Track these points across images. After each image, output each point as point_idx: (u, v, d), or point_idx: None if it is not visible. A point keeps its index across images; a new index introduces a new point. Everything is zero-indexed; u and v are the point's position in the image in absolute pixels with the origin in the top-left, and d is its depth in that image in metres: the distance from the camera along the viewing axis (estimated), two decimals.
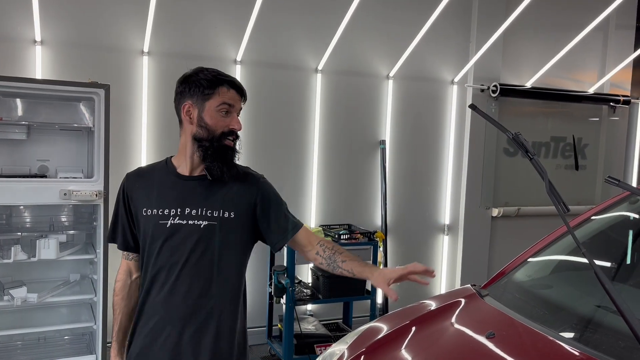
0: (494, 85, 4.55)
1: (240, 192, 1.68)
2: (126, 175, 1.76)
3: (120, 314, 1.75)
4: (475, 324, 1.68)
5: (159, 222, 1.63)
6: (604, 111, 5.21)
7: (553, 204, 1.28)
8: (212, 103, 1.62)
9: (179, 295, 1.61)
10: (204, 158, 1.64)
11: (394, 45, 4.26)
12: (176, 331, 1.61)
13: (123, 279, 1.76)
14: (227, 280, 1.66)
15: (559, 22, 4.83)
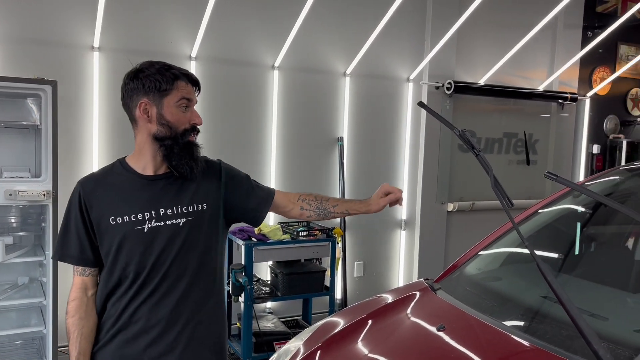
0: (449, 82, 4.64)
1: (206, 183, 1.65)
2: (80, 183, 1.61)
3: (79, 336, 1.57)
4: (426, 318, 1.72)
5: (134, 228, 1.55)
6: (553, 108, 5.39)
7: (498, 198, 1.32)
8: (171, 99, 1.55)
9: (168, 297, 1.57)
10: (169, 157, 1.57)
11: (351, 43, 4.29)
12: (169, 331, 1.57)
13: (79, 297, 1.59)
14: (213, 271, 1.66)
15: (510, 22, 4.97)
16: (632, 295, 1.84)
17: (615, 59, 5.76)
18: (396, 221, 4.75)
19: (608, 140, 5.75)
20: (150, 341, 1.56)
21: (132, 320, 1.57)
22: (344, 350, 1.72)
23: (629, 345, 1.40)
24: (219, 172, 1.69)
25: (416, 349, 1.53)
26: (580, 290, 1.93)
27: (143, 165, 1.60)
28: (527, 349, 1.45)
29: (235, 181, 1.72)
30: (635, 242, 2.48)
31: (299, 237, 3.68)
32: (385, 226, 4.71)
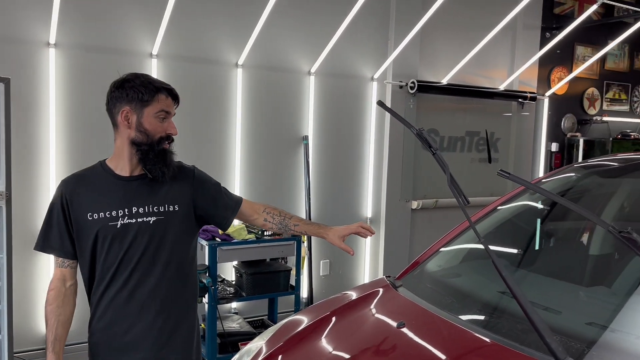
0: (412, 81, 4.69)
1: (179, 186, 1.81)
2: (63, 182, 1.78)
3: (56, 323, 1.73)
4: (387, 315, 1.73)
5: (108, 224, 1.70)
6: (513, 107, 5.51)
7: (454, 196, 1.34)
8: (151, 110, 1.71)
9: (138, 289, 1.72)
10: (143, 161, 1.73)
11: (315, 41, 4.28)
12: (139, 321, 1.73)
13: (57, 287, 1.75)
14: (181, 266, 1.81)
15: (471, 22, 5.06)
16: (585, 289, 1.90)
17: (572, 59, 5.94)
18: (361, 219, 4.78)
19: (566, 138, 5.93)
20: (124, 331, 1.73)
21: (108, 309, 1.74)
22: (305, 349, 1.72)
23: (580, 337, 1.44)
24: (191, 177, 1.86)
25: (376, 347, 1.54)
26: (537, 285, 1.98)
27: (120, 166, 1.76)
28: (484, 344, 1.48)
29: (206, 187, 1.88)
30: (590, 237, 2.56)
31: (264, 237, 3.66)
32: (350, 224, 4.71)
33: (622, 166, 2.62)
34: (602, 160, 2.71)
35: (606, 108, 6.30)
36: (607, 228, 1.10)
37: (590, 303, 1.75)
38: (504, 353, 1.41)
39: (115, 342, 1.75)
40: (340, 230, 1.94)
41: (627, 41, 6.23)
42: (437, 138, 5.10)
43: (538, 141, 5.76)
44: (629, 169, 2.57)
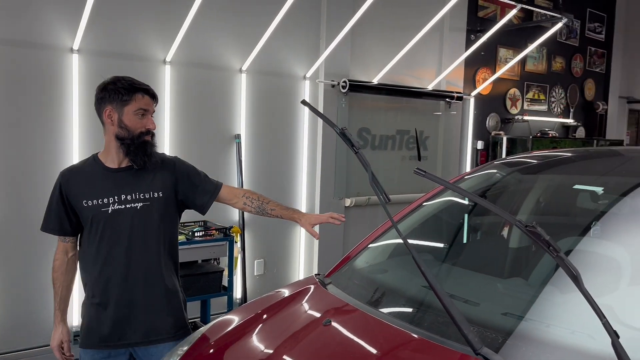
0: (344, 81, 4.74)
1: (162, 174, 2.05)
2: (61, 174, 2.03)
3: (61, 287, 2.07)
4: (315, 313, 1.74)
5: (101, 210, 1.96)
6: (441, 106, 5.70)
7: (375, 194, 1.36)
8: (130, 108, 1.95)
9: (131, 265, 1.98)
10: (127, 153, 1.97)
11: (247, 39, 4.24)
12: (134, 291, 1.99)
13: (61, 258, 2.06)
14: (164, 245, 2.06)
15: (401, 23, 5.18)
16: (503, 281, 1.98)
17: (496, 61, 6.21)
18: None
19: (490, 136, 6.20)
20: (117, 296, 1.99)
21: (106, 285, 2.00)
22: (232, 349, 1.70)
23: (496, 328, 1.51)
24: (173, 166, 2.10)
25: (302, 345, 1.55)
26: (459, 279, 2.06)
27: (109, 159, 2.01)
28: (407, 338, 1.51)
29: (186, 174, 2.12)
30: (509, 231, 2.69)
31: (195, 238, 3.59)
32: (285, 223, 4.72)
33: (538, 163, 2.77)
34: (520, 158, 2.85)
35: (527, 108, 6.64)
36: (515, 223, 1.16)
37: (507, 294, 1.83)
38: (426, 346, 1.46)
39: (111, 311, 1.99)
40: (313, 218, 2.15)
41: (545, 44, 6.61)
42: (368, 137, 5.19)
43: (465, 139, 5.99)
44: (544, 166, 2.72)
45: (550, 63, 6.88)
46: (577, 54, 7.20)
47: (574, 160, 2.67)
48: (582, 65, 7.30)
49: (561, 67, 7.03)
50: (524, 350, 1.41)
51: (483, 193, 2.61)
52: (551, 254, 1.08)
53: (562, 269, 1.09)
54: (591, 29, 7.36)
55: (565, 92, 7.10)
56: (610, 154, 2.87)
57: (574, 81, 7.22)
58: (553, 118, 6.95)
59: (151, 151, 2.00)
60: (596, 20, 7.42)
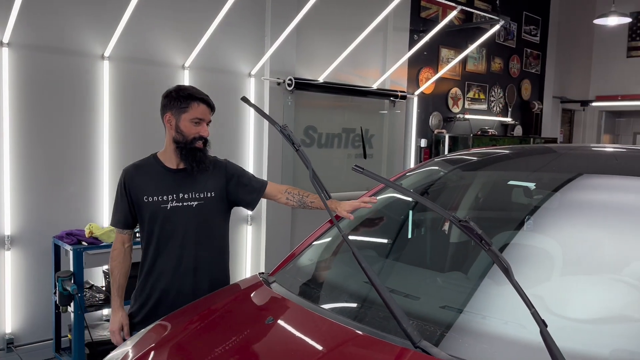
0: (289, 79, 4.73)
1: (214, 176, 2.25)
2: (124, 170, 2.23)
3: (119, 274, 2.24)
4: (258, 312, 1.72)
5: (160, 206, 2.14)
6: (386, 105, 5.79)
7: (316, 191, 1.36)
8: (187, 116, 2.14)
9: (184, 256, 2.17)
10: (180, 156, 2.16)
11: (190, 34, 4.15)
12: (183, 280, 2.18)
13: (119, 248, 2.24)
14: (216, 240, 2.27)
15: (346, 22, 5.22)
16: (443, 275, 2.03)
17: (438, 61, 6.37)
18: (242, 216, 4.74)
19: (433, 134, 6.35)
20: (167, 285, 2.19)
21: (160, 274, 2.20)
22: (173, 352, 1.66)
23: (435, 321, 1.54)
24: (224, 169, 2.30)
25: (244, 344, 1.53)
26: (400, 274, 2.09)
27: (168, 159, 2.21)
28: (350, 334, 1.52)
29: (236, 175, 2.32)
30: (450, 226, 2.76)
31: (136, 239, 3.47)
32: (231, 222, 4.65)
33: (476, 160, 2.86)
34: (459, 155, 2.94)
35: (468, 107, 6.85)
36: (449, 218, 1.19)
37: (446, 288, 1.88)
38: (367, 341, 1.47)
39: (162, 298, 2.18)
40: (347, 205, 2.21)
41: (485, 45, 6.83)
42: (315, 135, 5.20)
43: (409, 137, 6.11)
44: (482, 162, 2.81)
45: (490, 64, 7.12)
46: (514, 55, 7.49)
47: (510, 157, 2.78)
48: (519, 66, 7.60)
49: (500, 68, 7.29)
50: (460, 342, 1.45)
51: (424, 189, 2.67)
52: (483, 247, 1.11)
53: (495, 262, 1.13)
54: (527, 32, 7.68)
55: (503, 91, 7.37)
56: (544, 151, 3.00)
57: (511, 81, 7.51)
58: (492, 117, 7.20)
59: (201, 157, 2.17)
60: (532, 23, 7.75)
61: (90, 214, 3.80)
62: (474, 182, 2.73)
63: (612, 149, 2.99)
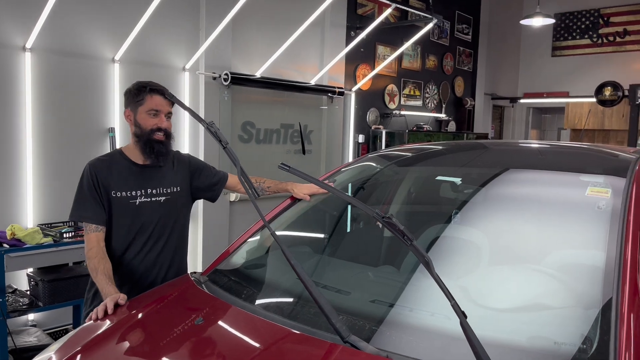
0: (225, 73, 4.65)
1: (180, 171, 2.29)
2: (90, 164, 2.17)
3: (104, 268, 2.05)
4: (187, 313, 1.69)
5: (129, 201, 2.14)
6: (324, 101, 5.82)
7: (244, 189, 1.34)
8: (142, 108, 2.13)
9: (152, 251, 2.20)
10: (141, 150, 2.15)
11: (120, 26, 4.00)
12: (152, 275, 2.20)
13: (95, 246, 2.10)
14: (181, 232, 2.32)
15: (283, 17, 5.19)
16: (375, 269, 2.07)
17: (375, 57, 6.47)
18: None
19: (371, 130, 6.45)
20: (138, 280, 2.18)
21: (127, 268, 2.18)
22: (98, 356, 1.59)
23: (364, 315, 1.57)
24: (188, 163, 2.35)
25: (172, 347, 1.49)
26: (334, 269, 2.11)
27: (134, 155, 2.20)
28: (280, 331, 1.52)
29: (199, 169, 2.37)
30: None
31: (63, 240, 3.33)
32: None
33: (409, 156, 2.92)
34: (392, 151, 2.99)
35: (404, 103, 7.00)
36: (372, 214, 1.20)
37: (378, 282, 1.91)
38: (298, 338, 1.47)
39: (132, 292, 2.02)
40: (304, 188, 2.34)
41: (420, 43, 7.00)
42: (253, 130, 5.15)
43: (347, 133, 6.18)
44: (414, 158, 2.87)
45: (424, 61, 7.31)
46: (447, 53, 7.72)
47: (442, 153, 2.86)
48: (452, 63, 7.84)
49: (434, 65, 7.49)
50: (388, 335, 1.48)
51: (359, 185, 2.71)
52: (405, 242, 1.14)
53: (416, 256, 1.15)
54: (460, 30, 7.93)
55: (438, 88, 7.59)
56: (474, 147, 3.11)
57: (445, 78, 7.74)
58: (427, 113, 7.40)
59: (161, 149, 2.15)
60: (464, 22, 8.01)
61: (12, 215, 3.59)
62: (406, 177, 2.79)
63: (537, 145, 3.15)
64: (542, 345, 1.36)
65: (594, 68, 8.39)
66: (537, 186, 2.08)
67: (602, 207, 1.69)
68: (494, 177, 2.27)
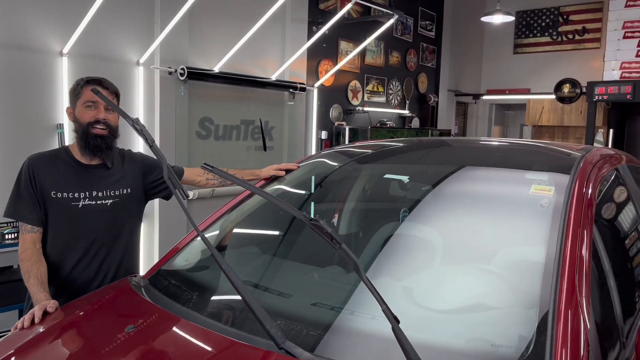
0: (182, 68, 4.53)
1: (130, 171, 2.15)
2: (29, 159, 2.02)
3: (37, 272, 1.92)
4: (120, 320, 1.60)
5: (71, 203, 1.99)
6: (285, 96, 5.74)
7: (172, 190, 1.27)
8: (80, 102, 2.02)
9: (95, 258, 2.04)
10: (80, 146, 2.02)
11: (68, 18, 3.84)
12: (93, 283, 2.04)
13: (30, 248, 1.96)
14: (130, 238, 2.17)
15: (243, 10, 5.09)
16: (321, 270, 2.02)
17: (337, 53, 6.42)
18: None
19: (334, 127, 6.40)
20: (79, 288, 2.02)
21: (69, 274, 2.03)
22: None
23: (303, 320, 1.52)
24: (140, 162, 2.23)
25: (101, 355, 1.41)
26: (280, 270, 2.05)
27: (79, 154, 2.06)
28: (214, 338, 1.46)
29: (152, 167, 2.24)
30: (339, 218, 2.77)
31: (5, 241, 3.18)
32: None
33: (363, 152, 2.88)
34: (348, 147, 2.95)
35: (367, 99, 6.98)
36: (300, 216, 1.15)
37: (322, 284, 1.86)
38: (232, 346, 1.41)
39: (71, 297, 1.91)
40: (270, 169, 2.35)
41: (383, 39, 6.99)
42: (211, 127, 5.05)
43: (309, 129, 6.12)
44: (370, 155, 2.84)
45: (388, 57, 7.30)
46: (411, 49, 7.74)
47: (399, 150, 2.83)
48: (415, 60, 7.86)
49: (397, 61, 7.50)
50: (325, 340, 1.43)
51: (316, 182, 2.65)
52: (333, 246, 1.09)
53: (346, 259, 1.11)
54: (423, 27, 7.95)
55: (401, 85, 7.60)
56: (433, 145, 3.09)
57: (409, 75, 7.75)
58: (391, 109, 7.40)
59: (100, 144, 2.01)
60: (427, 19, 8.04)
61: None
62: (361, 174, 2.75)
63: (488, 142, 3.15)
64: (479, 348, 1.34)
65: (554, 65, 8.55)
66: (484, 184, 2.07)
67: (545, 205, 1.67)
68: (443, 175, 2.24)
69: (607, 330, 1.55)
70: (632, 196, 2.27)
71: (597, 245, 1.66)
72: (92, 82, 2.03)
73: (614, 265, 1.79)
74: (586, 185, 1.78)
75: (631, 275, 2.06)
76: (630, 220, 2.22)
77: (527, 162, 2.20)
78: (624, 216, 2.18)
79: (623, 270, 2.00)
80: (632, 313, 1.78)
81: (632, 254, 2.16)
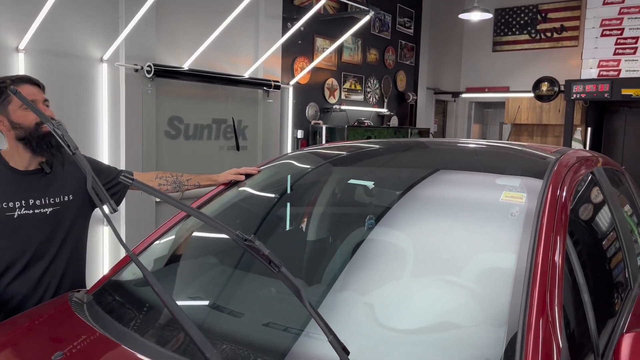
0: (149, 65, 4.35)
1: (72, 175, 1.98)
2: None
3: None
4: (50, 345, 1.45)
5: (5, 214, 1.83)
6: (259, 95, 5.58)
7: (96, 203, 1.13)
8: (13, 105, 1.81)
9: (37, 272, 1.89)
10: (34, 151, 1.86)
11: (25, 11, 3.63)
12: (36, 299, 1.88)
13: None
14: (75, 248, 2.02)
15: (214, 5, 4.91)
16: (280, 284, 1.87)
17: (313, 50, 6.27)
18: (98, 216, 4.28)
19: (310, 125, 6.26)
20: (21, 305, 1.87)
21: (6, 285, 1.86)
22: None
23: (250, 343, 1.38)
24: None
25: None
26: (237, 285, 1.90)
27: (14, 160, 1.88)
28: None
29: (97, 171, 2.05)
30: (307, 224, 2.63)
31: None
32: None
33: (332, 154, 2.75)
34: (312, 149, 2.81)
35: (344, 98, 6.85)
36: (233, 237, 1.02)
37: (279, 300, 1.72)
38: None
39: None
40: (228, 173, 2.25)
41: (360, 36, 6.86)
42: (181, 126, 4.87)
43: (285, 128, 5.97)
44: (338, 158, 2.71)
45: (365, 54, 7.17)
46: (389, 47, 7.62)
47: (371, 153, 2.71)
48: (394, 57, 7.75)
49: (375, 59, 7.38)
50: None
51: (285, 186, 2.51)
52: (272, 270, 0.95)
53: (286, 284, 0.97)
54: (401, 24, 7.84)
55: (379, 82, 7.48)
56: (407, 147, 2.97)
57: (387, 73, 7.64)
58: (369, 108, 7.28)
59: (52, 141, 1.85)
60: (406, 16, 7.93)
61: None
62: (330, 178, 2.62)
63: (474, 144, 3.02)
64: None
65: (532, 63, 8.51)
66: (454, 189, 1.95)
67: (515, 214, 1.56)
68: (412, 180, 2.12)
69: (581, 348, 1.44)
70: (608, 200, 2.17)
71: (571, 254, 1.55)
72: (22, 81, 1.88)
73: (589, 274, 1.68)
74: (560, 190, 1.67)
75: (608, 284, 1.97)
76: (606, 225, 2.12)
77: (500, 166, 2.09)
78: (599, 221, 2.09)
79: (599, 278, 1.90)
80: (608, 325, 1.67)
81: (608, 260, 2.06)
